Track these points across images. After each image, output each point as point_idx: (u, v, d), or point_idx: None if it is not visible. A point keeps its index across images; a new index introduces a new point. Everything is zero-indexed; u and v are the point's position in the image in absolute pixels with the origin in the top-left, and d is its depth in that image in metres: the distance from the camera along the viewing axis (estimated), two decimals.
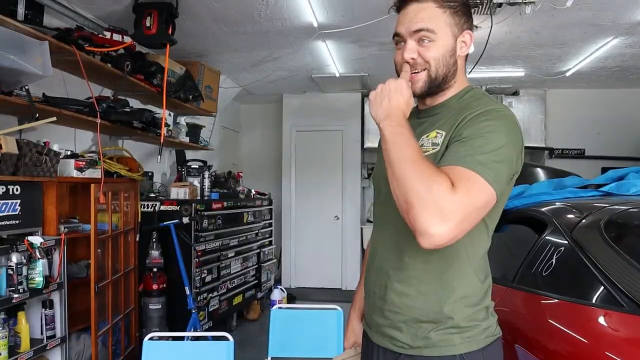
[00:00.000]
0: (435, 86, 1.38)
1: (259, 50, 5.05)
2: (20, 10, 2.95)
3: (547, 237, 2.08)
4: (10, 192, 2.77)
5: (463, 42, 1.38)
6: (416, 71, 1.36)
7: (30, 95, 2.88)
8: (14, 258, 2.59)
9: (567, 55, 5.23)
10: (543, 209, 2.29)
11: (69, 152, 3.41)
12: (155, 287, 3.96)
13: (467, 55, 1.43)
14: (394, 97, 1.27)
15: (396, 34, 1.40)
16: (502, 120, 1.27)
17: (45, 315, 2.90)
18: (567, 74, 5.89)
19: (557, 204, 2.36)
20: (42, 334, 2.91)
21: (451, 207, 1.11)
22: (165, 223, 4.06)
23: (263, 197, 6.18)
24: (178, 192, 4.46)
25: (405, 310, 1.36)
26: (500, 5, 3.72)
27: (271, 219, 6.36)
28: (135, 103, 4.31)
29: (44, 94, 3.13)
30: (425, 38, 1.34)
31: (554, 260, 1.93)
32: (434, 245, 1.13)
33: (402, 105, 1.27)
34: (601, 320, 1.62)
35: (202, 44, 4.78)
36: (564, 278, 1.87)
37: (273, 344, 2.76)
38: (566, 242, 1.95)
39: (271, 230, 6.36)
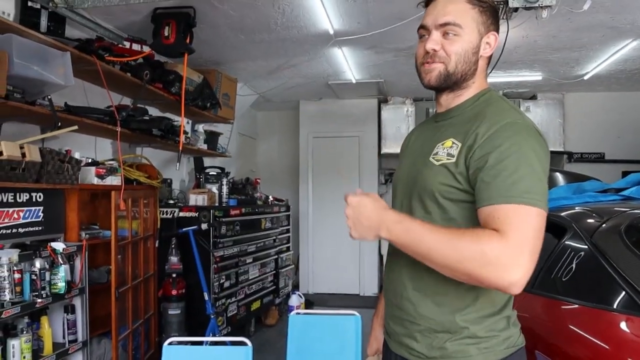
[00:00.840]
0: (452, 82, 1.35)
1: (275, 58, 5.09)
2: (43, 22, 3.02)
3: (566, 242, 2.06)
4: (34, 199, 2.83)
5: (487, 43, 1.36)
6: (433, 62, 1.34)
7: (53, 105, 2.94)
8: (37, 264, 2.64)
9: (585, 59, 5.19)
10: (562, 214, 2.27)
11: (89, 160, 3.47)
12: (174, 292, 3.99)
13: (489, 59, 1.41)
14: (365, 211, 1.26)
15: (422, 27, 1.37)
16: (524, 133, 1.24)
17: (67, 319, 2.94)
18: (586, 77, 5.83)
19: (576, 208, 2.34)
20: (64, 338, 2.95)
21: (512, 254, 1.10)
22: (184, 229, 4.10)
23: (280, 203, 6.20)
24: (197, 199, 4.51)
25: (421, 320, 1.35)
26: (516, 9, 3.71)
27: (289, 225, 6.37)
28: (154, 111, 4.37)
29: (65, 103, 3.19)
30: (450, 32, 1.32)
31: (574, 265, 1.92)
32: (522, 288, 1.12)
33: (377, 209, 1.26)
34: (622, 325, 1.61)
35: (219, 52, 4.83)
36: (584, 283, 1.86)
37: (291, 350, 2.76)
38: (586, 246, 1.93)
39: (289, 237, 6.37)
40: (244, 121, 7.03)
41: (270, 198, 6.04)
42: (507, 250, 1.10)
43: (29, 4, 2.91)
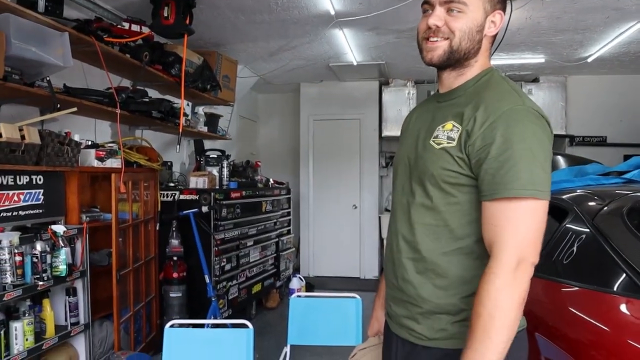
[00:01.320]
0: (455, 59, 1.33)
1: (276, 39, 5.05)
2: (41, 2, 2.96)
3: (568, 225, 2.06)
4: (34, 182, 2.82)
5: (492, 21, 1.34)
6: (437, 39, 1.32)
7: (52, 86, 2.92)
8: (39, 246, 2.63)
9: (588, 41, 5.14)
10: (564, 197, 2.27)
11: (89, 142, 3.46)
12: (175, 275, 4.00)
13: (494, 38, 1.39)
14: None
15: (425, 2, 1.35)
16: (526, 120, 1.22)
17: (69, 302, 2.95)
18: (589, 60, 5.78)
19: (578, 191, 2.34)
20: (66, 320, 2.97)
21: (510, 271, 1.18)
22: (184, 212, 4.10)
23: (281, 186, 6.20)
24: (197, 182, 4.50)
25: (421, 302, 1.36)
26: None
27: (289, 208, 6.38)
28: (153, 93, 4.33)
29: (64, 84, 3.17)
30: (455, 8, 1.29)
31: (575, 248, 1.91)
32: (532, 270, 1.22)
33: None
34: (623, 308, 1.61)
35: (219, 33, 4.79)
36: (585, 266, 1.85)
37: (292, 332, 2.78)
38: (588, 229, 1.93)
39: (289, 219, 6.39)
40: (244, 103, 6.99)
41: (271, 181, 6.04)
42: (505, 271, 1.17)
43: None
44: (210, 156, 4.98)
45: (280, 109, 8.05)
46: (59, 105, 2.93)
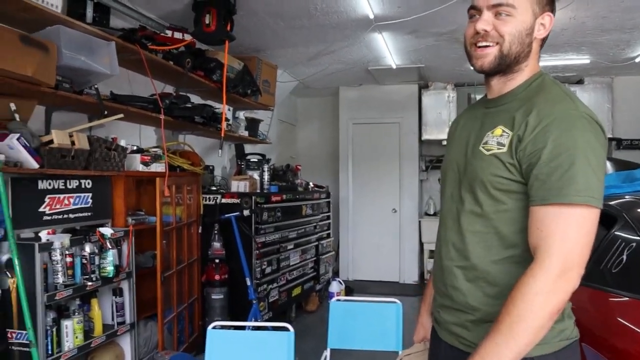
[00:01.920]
0: (506, 65, 1.31)
1: (315, 44, 5.08)
2: (89, 13, 3.08)
3: (616, 233, 2.00)
4: (83, 186, 2.93)
5: (542, 24, 1.31)
6: (487, 44, 1.30)
7: (99, 94, 3.02)
8: (88, 248, 2.73)
9: (636, 40, 4.97)
10: (612, 203, 2.20)
11: (134, 147, 3.56)
12: (217, 277, 4.07)
13: (544, 41, 1.36)
14: None
15: (472, 7, 1.32)
16: (578, 125, 1.19)
17: (116, 302, 3.04)
18: (637, 60, 5.59)
19: (627, 197, 2.26)
20: (112, 320, 3.06)
21: (553, 279, 1.14)
22: (226, 215, 4.17)
23: (321, 190, 6.22)
24: (238, 185, 4.57)
25: (471, 310, 1.34)
26: None
27: (329, 211, 6.39)
28: (195, 98, 4.43)
29: (111, 92, 3.27)
30: (503, 12, 1.27)
31: (624, 257, 1.85)
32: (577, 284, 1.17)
33: None
34: None
35: (259, 39, 4.85)
36: (635, 275, 1.79)
37: (332, 336, 2.78)
38: (638, 237, 1.87)
39: (329, 223, 6.39)
40: (283, 108, 7.05)
41: (311, 185, 6.07)
42: (546, 277, 1.14)
43: None
44: (251, 160, 5.05)
45: (319, 113, 8.08)
46: (106, 112, 3.03)
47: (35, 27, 2.67)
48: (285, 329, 2.42)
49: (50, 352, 2.56)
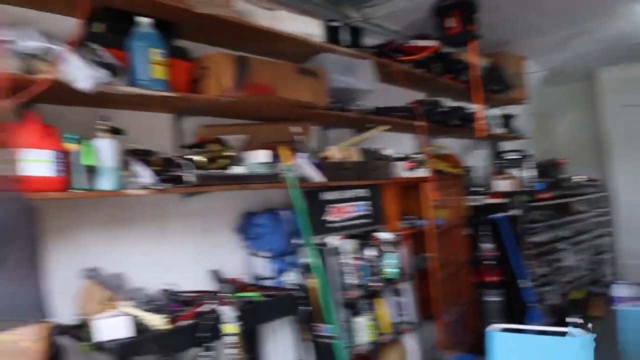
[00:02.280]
0: None
1: (565, 27, 4.67)
2: (345, 37, 3.37)
3: None
4: (360, 195, 3.20)
5: None
6: None
7: (364, 109, 3.26)
8: (371, 251, 2.97)
9: None
10: None
11: (401, 155, 3.72)
12: (491, 279, 3.99)
13: None
14: None
15: None
16: None
17: (399, 302, 3.20)
18: None
19: None
20: (396, 319, 3.22)
21: None
22: (492, 216, 4.07)
23: (593, 183, 5.62)
24: (501, 185, 4.44)
25: None
26: None
27: (605, 207, 5.73)
28: (445, 101, 4.46)
29: (377, 107, 3.48)
30: None
31: None
32: None
33: None
34: None
35: (503, 32, 4.65)
36: None
37: (627, 347, 2.46)
38: None
39: (607, 220, 5.73)
40: (535, 99, 6.61)
41: (581, 178, 5.54)
42: None
43: (331, 23, 3.29)
44: (509, 158, 4.86)
45: (575, 100, 7.33)
46: (373, 125, 3.24)
47: (302, 57, 3.00)
48: (575, 335, 2.21)
49: (346, 345, 2.80)
